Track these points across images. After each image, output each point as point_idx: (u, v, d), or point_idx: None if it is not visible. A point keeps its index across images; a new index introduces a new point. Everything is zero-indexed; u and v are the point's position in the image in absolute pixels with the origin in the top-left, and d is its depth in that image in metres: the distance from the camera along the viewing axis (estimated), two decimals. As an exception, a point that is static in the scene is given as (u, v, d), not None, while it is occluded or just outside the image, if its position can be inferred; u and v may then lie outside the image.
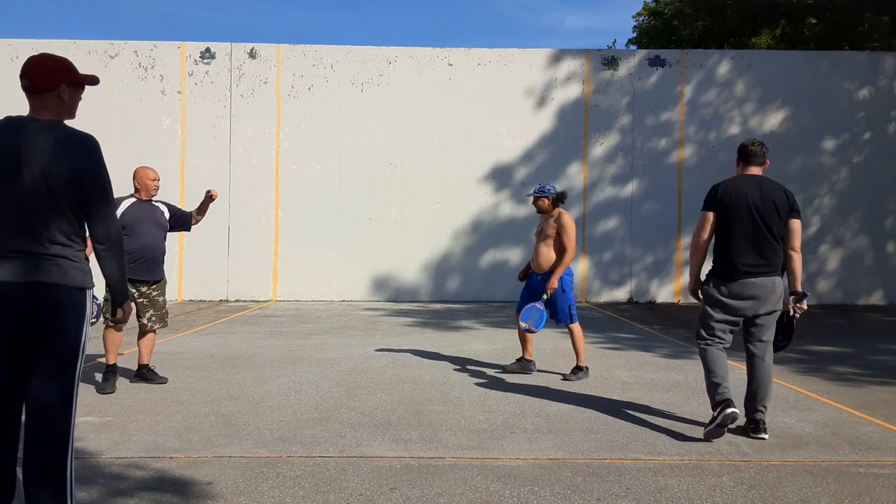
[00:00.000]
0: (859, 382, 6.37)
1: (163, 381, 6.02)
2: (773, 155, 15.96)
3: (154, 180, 6.08)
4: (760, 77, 14.53)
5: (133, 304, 5.17)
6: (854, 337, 9.41)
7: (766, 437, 4.55)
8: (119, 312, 2.93)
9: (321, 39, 43.10)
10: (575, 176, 14.50)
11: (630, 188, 14.52)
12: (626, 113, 14.55)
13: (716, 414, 4.39)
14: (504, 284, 14.39)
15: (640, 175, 14.51)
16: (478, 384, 6.14)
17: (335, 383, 6.14)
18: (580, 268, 14.41)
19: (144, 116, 14.01)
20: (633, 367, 7.01)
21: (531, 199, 6.63)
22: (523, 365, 6.66)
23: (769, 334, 4.64)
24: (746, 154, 4.69)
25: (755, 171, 4.69)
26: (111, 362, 5.81)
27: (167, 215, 6.18)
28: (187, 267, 13.81)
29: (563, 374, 6.50)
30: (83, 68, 2.93)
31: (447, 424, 4.80)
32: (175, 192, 13.46)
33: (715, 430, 4.41)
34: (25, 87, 2.77)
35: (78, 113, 2.87)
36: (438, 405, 5.36)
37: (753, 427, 4.60)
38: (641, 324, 10.79)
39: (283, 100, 14.35)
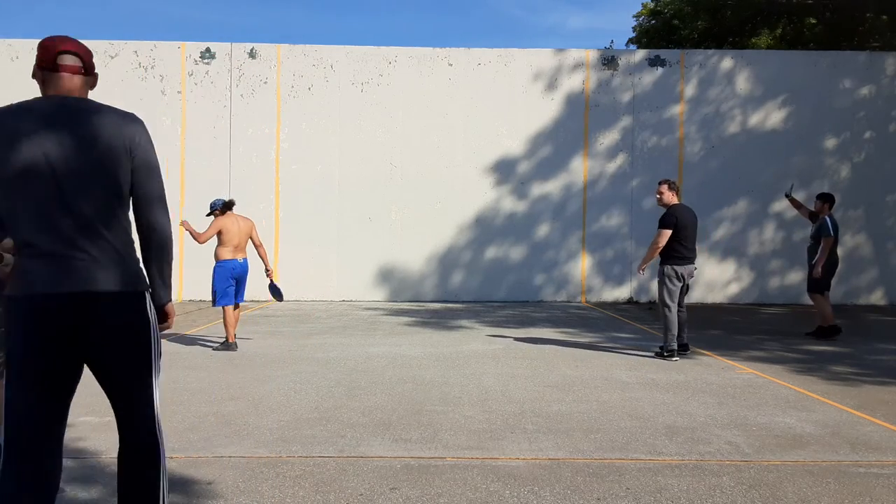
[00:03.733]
0: (859, 382, 6.36)
1: None
2: (773, 154, 15.83)
3: None
4: (761, 76, 14.53)
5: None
6: (854, 337, 9.40)
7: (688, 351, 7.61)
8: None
9: (321, 39, 43.09)
10: (576, 174, 14.50)
11: (630, 187, 14.52)
12: (626, 112, 14.54)
13: (668, 353, 7.39)
14: (504, 283, 14.42)
15: (640, 174, 14.51)
16: (478, 384, 6.14)
17: (335, 383, 6.14)
18: (579, 267, 14.42)
19: (144, 116, 13.60)
20: (633, 367, 7.00)
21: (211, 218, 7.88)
22: (228, 345, 7.82)
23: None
24: (676, 190, 7.73)
25: (678, 199, 7.74)
26: None
27: None
28: (187, 267, 13.80)
29: (213, 346, 7.94)
30: (83, 68, 2.89)
31: (447, 424, 4.80)
32: (175, 193, 13.46)
33: (665, 357, 7.43)
34: (72, 67, 2.50)
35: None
36: (438, 405, 5.36)
37: (684, 350, 7.53)
38: (641, 324, 10.79)
39: (283, 100, 14.35)
